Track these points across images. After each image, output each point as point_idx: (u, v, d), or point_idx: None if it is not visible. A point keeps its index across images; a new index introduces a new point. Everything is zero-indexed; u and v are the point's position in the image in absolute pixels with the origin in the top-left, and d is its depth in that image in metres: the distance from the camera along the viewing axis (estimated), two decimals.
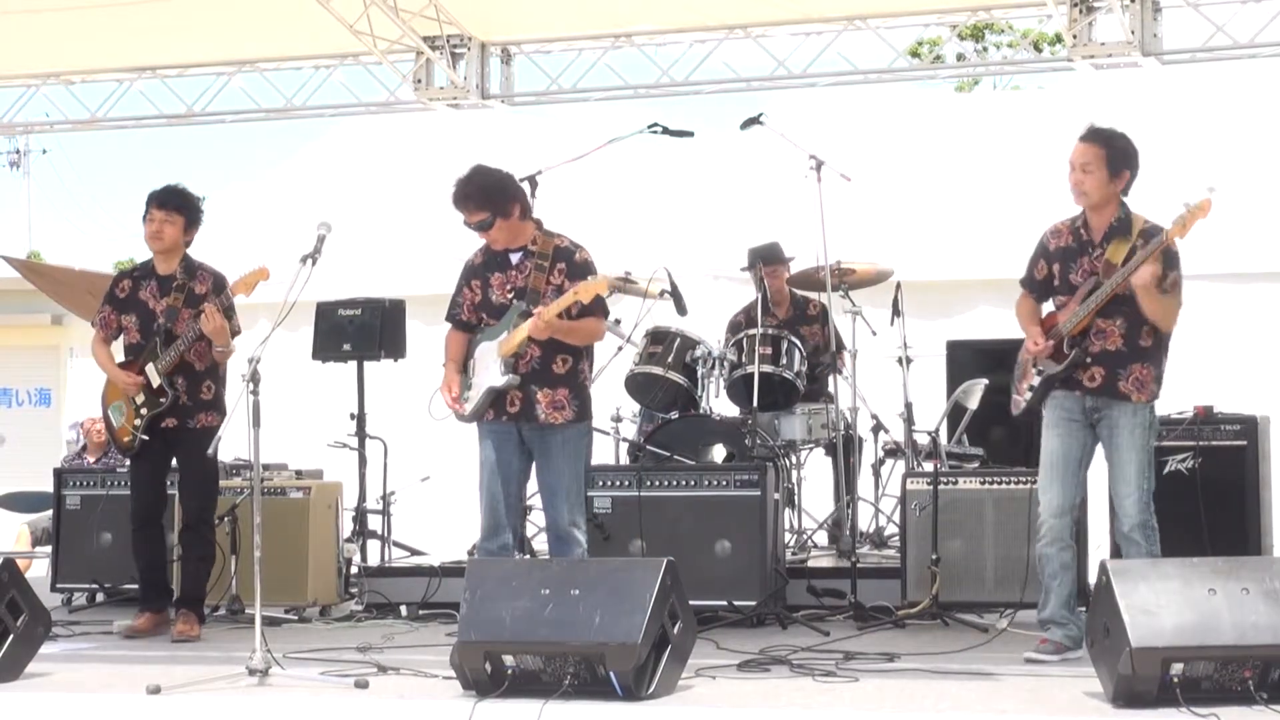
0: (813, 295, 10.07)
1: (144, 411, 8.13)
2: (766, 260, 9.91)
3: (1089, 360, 6.97)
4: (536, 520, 8.62)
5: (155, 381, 8.11)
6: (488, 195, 7.39)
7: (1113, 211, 6.98)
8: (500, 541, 7.37)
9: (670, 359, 9.20)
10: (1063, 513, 7.04)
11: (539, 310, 7.22)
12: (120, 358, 8.35)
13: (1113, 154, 6.93)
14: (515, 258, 7.44)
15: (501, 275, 7.44)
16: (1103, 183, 6.93)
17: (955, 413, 9.48)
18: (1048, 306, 7.20)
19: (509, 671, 6.10)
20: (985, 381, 9.34)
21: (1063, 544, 7.04)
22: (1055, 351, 7.02)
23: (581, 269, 7.38)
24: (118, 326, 8.31)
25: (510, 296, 7.39)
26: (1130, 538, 6.91)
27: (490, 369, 7.33)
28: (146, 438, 8.15)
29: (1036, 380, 7.09)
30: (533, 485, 7.59)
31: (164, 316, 8.16)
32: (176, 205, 8.22)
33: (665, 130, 9.54)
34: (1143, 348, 6.94)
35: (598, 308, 7.40)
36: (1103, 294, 6.87)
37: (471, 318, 7.51)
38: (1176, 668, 5.66)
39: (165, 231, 8.18)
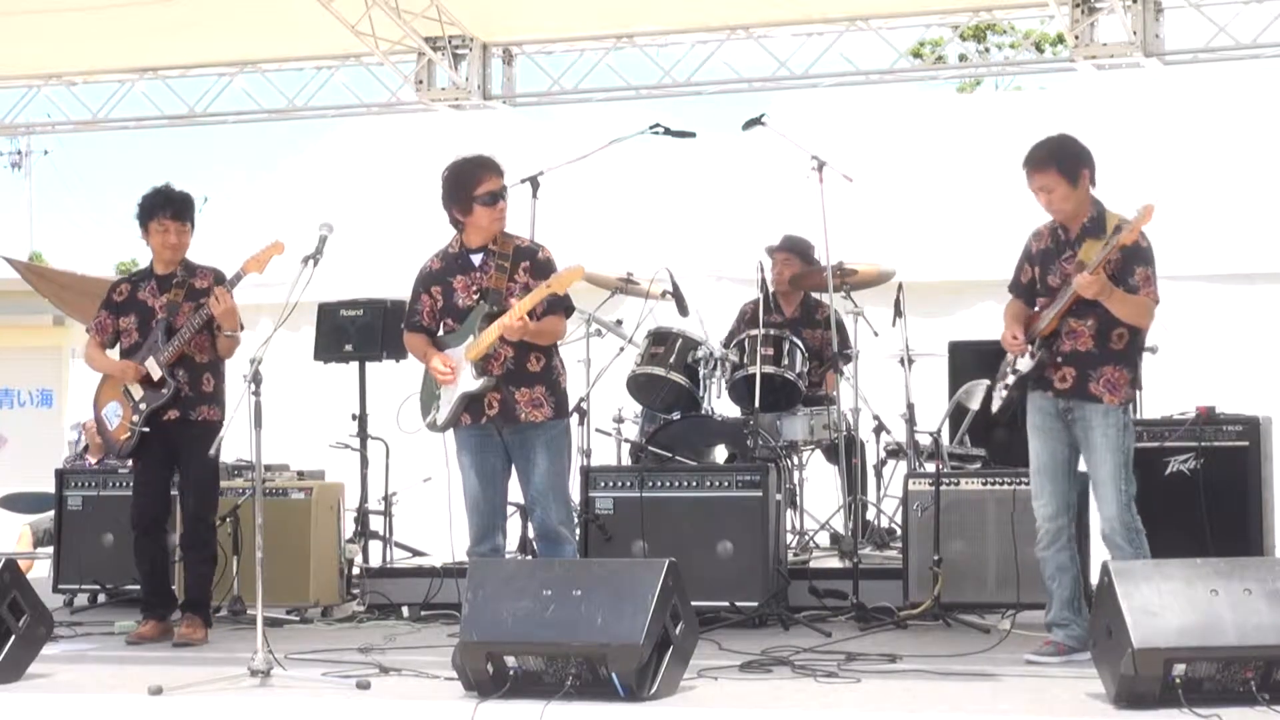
0: (825, 300, 10.04)
1: (143, 406, 8.10)
2: (786, 248, 9.95)
3: (1060, 360, 6.97)
4: None
5: (156, 374, 8.08)
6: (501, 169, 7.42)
7: (1086, 211, 6.99)
8: (492, 544, 7.33)
9: (672, 360, 9.18)
10: (1056, 516, 7.04)
11: (512, 307, 7.15)
12: None
13: (1064, 165, 6.91)
14: (477, 259, 7.38)
15: (465, 278, 7.38)
16: (1068, 194, 6.92)
17: (957, 414, 9.47)
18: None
19: (511, 672, 6.10)
20: (987, 382, 9.28)
21: (1059, 546, 7.03)
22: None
23: (545, 267, 7.33)
24: (114, 331, 8.30)
25: (476, 298, 7.34)
26: (1112, 540, 6.87)
27: (462, 374, 7.28)
28: (147, 429, 8.11)
29: (1011, 379, 7.12)
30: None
31: (165, 311, 8.16)
32: (190, 215, 8.34)
33: (667, 131, 9.52)
34: (1114, 350, 6.92)
35: (561, 305, 7.36)
36: (1066, 298, 6.87)
37: (432, 324, 7.44)
38: (1179, 668, 5.67)
39: (183, 242, 8.28)
